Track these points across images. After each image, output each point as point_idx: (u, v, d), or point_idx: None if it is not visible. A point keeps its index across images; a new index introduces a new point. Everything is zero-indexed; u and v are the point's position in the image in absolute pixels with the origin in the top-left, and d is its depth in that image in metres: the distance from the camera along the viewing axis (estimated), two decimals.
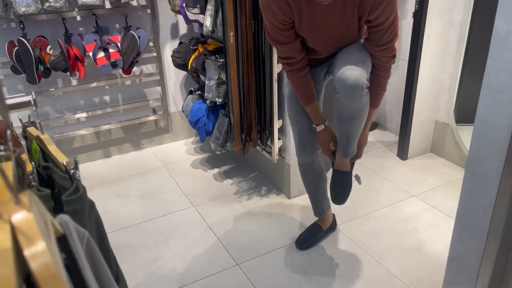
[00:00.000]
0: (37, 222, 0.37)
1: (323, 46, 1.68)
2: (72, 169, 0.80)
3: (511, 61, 1.25)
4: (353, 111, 1.59)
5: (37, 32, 2.56)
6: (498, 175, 1.36)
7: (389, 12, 1.48)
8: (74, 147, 2.98)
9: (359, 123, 1.66)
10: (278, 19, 1.53)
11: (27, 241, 0.37)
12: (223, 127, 2.64)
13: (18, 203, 0.38)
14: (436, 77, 2.74)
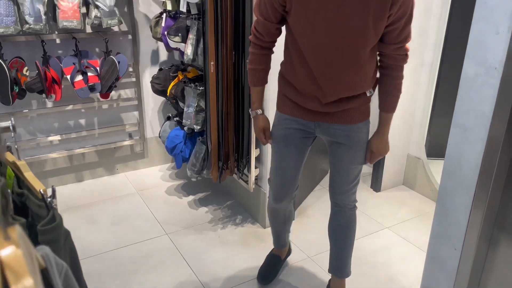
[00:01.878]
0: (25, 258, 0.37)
1: (324, 45, 1.49)
2: (49, 197, 0.78)
3: (478, 101, 1.33)
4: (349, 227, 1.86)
5: (15, 53, 2.52)
6: (467, 211, 1.41)
7: (407, 6, 1.44)
8: (46, 170, 2.90)
9: (353, 235, 1.90)
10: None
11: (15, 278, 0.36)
12: (200, 154, 2.64)
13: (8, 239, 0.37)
14: (408, 112, 2.85)
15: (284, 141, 1.74)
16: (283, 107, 1.73)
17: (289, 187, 1.82)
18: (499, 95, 1.26)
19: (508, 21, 1.21)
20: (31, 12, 2.35)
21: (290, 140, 1.73)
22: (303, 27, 1.50)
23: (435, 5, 2.61)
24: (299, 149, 1.76)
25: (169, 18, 2.65)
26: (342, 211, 1.85)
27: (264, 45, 1.66)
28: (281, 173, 1.80)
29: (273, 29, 1.60)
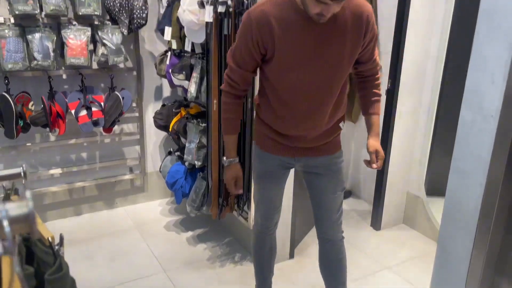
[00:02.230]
0: None
1: (305, 87, 1.54)
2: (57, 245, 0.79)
3: (476, 147, 1.35)
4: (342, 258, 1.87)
5: (21, 87, 2.58)
6: (468, 255, 1.41)
7: (374, 28, 1.53)
8: (45, 204, 2.89)
9: (346, 268, 1.90)
10: (253, 40, 1.47)
11: None
12: (201, 190, 2.65)
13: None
14: (407, 150, 2.88)
15: (266, 176, 1.81)
16: (263, 145, 1.76)
17: (275, 209, 1.90)
18: (496, 142, 1.29)
19: (503, 71, 1.25)
20: (39, 49, 2.42)
21: (272, 175, 1.80)
22: (286, 72, 1.52)
23: (433, 47, 2.69)
24: (281, 181, 1.84)
25: (174, 56, 2.73)
26: (332, 245, 1.85)
27: (238, 94, 1.65)
28: (267, 202, 1.87)
29: (249, 77, 1.61)
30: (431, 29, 2.66)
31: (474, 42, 1.34)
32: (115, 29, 2.62)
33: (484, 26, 1.30)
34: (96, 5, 2.51)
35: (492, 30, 1.28)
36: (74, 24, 2.53)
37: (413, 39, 2.61)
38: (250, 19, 1.46)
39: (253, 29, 1.46)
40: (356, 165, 3.41)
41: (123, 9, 2.57)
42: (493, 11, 1.28)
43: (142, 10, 2.62)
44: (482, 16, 1.32)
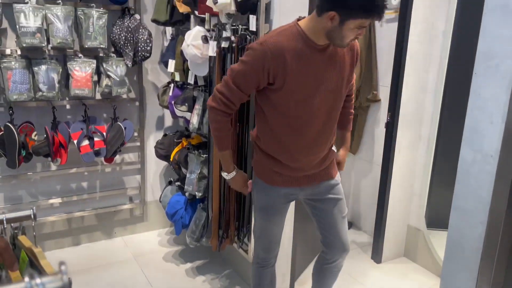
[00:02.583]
0: None
1: (313, 113, 1.60)
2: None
3: (477, 186, 1.37)
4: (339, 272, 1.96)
5: (25, 117, 2.60)
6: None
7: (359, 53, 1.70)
8: (43, 233, 2.87)
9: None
10: (264, 68, 1.51)
11: None
12: (201, 221, 2.63)
13: None
14: (407, 183, 2.89)
15: (269, 209, 1.82)
16: (267, 179, 1.76)
17: (276, 243, 1.92)
18: (496, 182, 1.31)
19: (501, 112, 1.28)
20: (45, 81, 2.46)
21: (275, 208, 1.82)
22: (296, 101, 1.58)
23: (431, 81, 2.74)
24: (283, 214, 1.87)
25: (177, 88, 2.77)
26: (337, 265, 1.93)
27: (230, 113, 1.67)
28: (269, 235, 1.88)
29: (245, 99, 1.66)
30: (429, 64, 2.72)
31: (472, 82, 1.38)
32: (119, 61, 2.67)
33: (482, 67, 1.34)
34: (102, 38, 2.57)
35: (490, 72, 1.32)
36: (80, 57, 2.59)
37: (411, 73, 2.67)
38: (265, 49, 1.51)
39: (267, 59, 1.50)
40: (356, 196, 3.41)
41: (128, 42, 2.63)
42: (491, 53, 1.32)
43: (146, 43, 2.68)
44: (479, 58, 1.36)
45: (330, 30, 1.47)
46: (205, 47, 2.35)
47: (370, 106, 3.15)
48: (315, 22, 1.52)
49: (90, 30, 2.53)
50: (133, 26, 2.65)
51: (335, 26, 1.45)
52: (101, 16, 2.56)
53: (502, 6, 1.30)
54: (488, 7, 1.34)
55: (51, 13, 2.42)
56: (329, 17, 1.44)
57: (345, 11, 1.42)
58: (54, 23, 2.42)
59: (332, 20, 1.44)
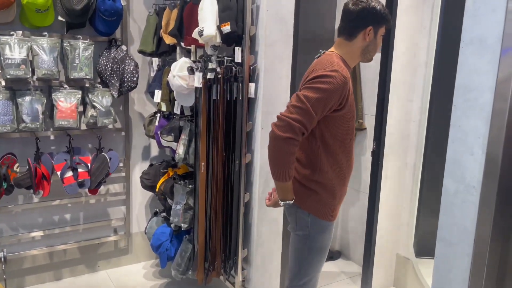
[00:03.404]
0: None
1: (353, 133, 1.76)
2: None
3: (460, 216, 1.37)
4: None
5: (8, 149, 2.56)
6: None
7: None
8: (24, 268, 2.77)
9: None
10: (342, 93, 1.59)
11: None
12: (186, 253, 2.58)
13: None
14: (395, 211, 2.88)
15: (327, 248, 1.82)
16: (332, 217, 1.75)
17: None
18: (480, 212, 1.31)
19: (481, 144, 1.30)
20: (29, 112, 2.44)
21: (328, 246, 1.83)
22: (350, 121, 1.71)
23: (415, 110, 2.78)
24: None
25: (163, 118, 2.77)
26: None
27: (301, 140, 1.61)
28: (318, 276, 1.86)
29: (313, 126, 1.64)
30: (413, 93, 2.77)
31: (452, 114, 1.40)
32: (105, 92, 2.67)
33: (461, 100, 1.37)
34: (88, 69, 2.57)
35: (469, 105, 1.34)
36: (65, 87, 2.58)
37: (395, 103, 2.71)
38: (344, 75, 1.59)
39: (346, 84, 1.60)
40: (345, 226, 3.39)
41: (114, 73, 2.64)
42: (469, 86, 1.35)
43: (132, 74, 2.69)
44: (458, 91, 1.38)
45: (368, 45, 1.69)
46: (191, 78, 2.37)
47: (357, 134, 3.17)
48: (349, 47, 1.70)
49: (76, 61, 2.53)
50: (119, 57, 2.66)
51: (372, 39, 1.68)
52: (87, 48, 2.57)
53: (479, 39, 1.34)
54: (465, 41, 1.37)
55: (36, 44, 2.42)
56: (366, 33, 1.66)
57: (377, 22, 1.67)
58: (39, 55, 2.42)
59: (369, 35, 1.67)
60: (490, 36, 1.29)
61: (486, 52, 1.31)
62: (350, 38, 1.68)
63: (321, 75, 1.57)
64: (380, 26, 1.68)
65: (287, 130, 1.52)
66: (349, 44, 1.69)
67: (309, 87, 1.57)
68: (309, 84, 1.59)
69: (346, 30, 1.68)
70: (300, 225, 1.74)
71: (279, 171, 1.60)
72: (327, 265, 3.25)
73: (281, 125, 1.54)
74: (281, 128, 1.53)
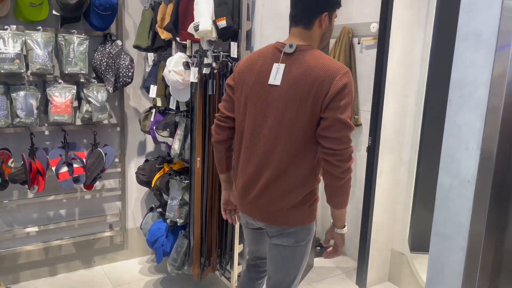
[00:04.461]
0: None
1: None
2: None
3: (455, 211, 1.37)
4: None
5: (2, 144, 2.55)
6: None
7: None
8: (18, 263, 2.76)
9: None
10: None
11: None
12: (182, 248, 2.58)
13: None
14: (390, 207, 2.89)
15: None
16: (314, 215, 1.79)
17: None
18: (474, 207, 1.31)
19: (476, 139, 1.30)
20: (23, 107, 2.42)
21: None
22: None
23: (410, 105, 2.79)
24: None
25: (159, 113, 2.76)
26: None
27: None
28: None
29: None
30: (408, 88, 2.78)
31: (447, 109, 1.40)
32: (100, 87, 2.65)
33: (456, 95, 1.37)
34: (83, 64, 2.56)
35: (464, 100, 1.35)
36: (60, 82, 2.56)
37: (391, 98, 2.71)
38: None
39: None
40: None
41: (109, 68, 2.62)
42: (464, 81, 1.35)
43: (128, 69, 2.68)
44: (453, 86, 1.38)
45: (325, 31, 1.63)
46: (186, 73, 2.36)
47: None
48: (310, 36, 1.61)
49: (70, 56, 2.52)
50: (114, 52, 2.65)
51: (327, 25, 1.62)
52: (82, 42, 2.55)
53: (474, 34, 1.34)
54: (461, 36, 1.38)
55: (31, 39, 2.40)
56: (321, 20, 1.59)
57: (331, 7, 1.62)
58: (33, 49, 2.40)
59: (324, 22, 1.60)
60: (486, 31, 1.29)
61: (482, 47, 1.31)
62: (308, 27, 1.58)
63: (346, 84, 1.49)
64: (333, 10, 1.63)
65: (349, 159, 1.53)
66: (309, 33, 1.59)
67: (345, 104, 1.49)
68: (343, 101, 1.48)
69: (304, 18, 1.58)
70: (302, 237, 1.74)
71: (346, 199, 1.66)
72: (323, 261, 3.27)
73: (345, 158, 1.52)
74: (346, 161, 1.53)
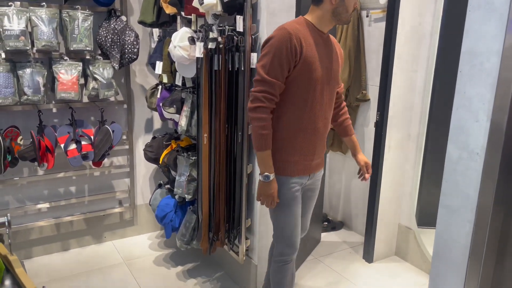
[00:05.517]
0: None
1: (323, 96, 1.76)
2: None
3: (463, 184, 1.37)
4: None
5: (10, 122, 2.57)
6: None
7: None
8: (31, 239, 2.83)
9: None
10: (291, 49, 1.64)
11: None
12: (191, 224, 2.61)
13: None
14: (397, 182, 2.89)
15: (295, 201, 1.86)
16: (291, 172, 1.81)
17: (298, 235, 1.95)
18: (483, 179, 1.30)
19: (486, 110, 1.28)
20: (30, 84, 2.42)
21: (298, 199, 1.87)
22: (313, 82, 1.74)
23: (419, 80, 2.75)
24: (301, 203, 1.93)
25: (165, 90, 2.75)
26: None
27: (273, 107, 1.73)
28: (296, 229, 1.91)
29: (282, 88, 1.72)
30: (417, 63, 2.73)
31: (457, 81, 1.38)
32: (106, 64, 2.64)
33: (467, 66, 1.34)
34: (88, 41, 2.54)
35: (474, 70, 1.32)
36: (66, 59, 2.55)
37: (399, 73, 2.67)
38: (288, 31, 1.65)
39: (291, 38, 1.64)
40: (347, 196, 3.41)
41: (114, 45, 2.60)
42: (475, 51, 1.32)
43: (133, 45, 2.66)
44: (464, 56, 1.36)
45: (335, 8, 1.69)
46: (192, 48, 2.33)
47: (360, 105, 3.15)
48: (318, 12, 1.73)
49: (75, 33, 2.50)
50: (119, 28, 2.62)
51: (339, 1, 1.68)
52: (87, 18, 2.53)
53: (486, 3, 1.30)
54: (472, 5, 1.34)
55: (35, 15, 2.39)
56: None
57: None
58: (38, 26, 2.39)
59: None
60: (497, 0, 1.26)
61: (493, 16, 1.28)
62: (318, 3, 1.72)
63: (266, 40, 1.69)
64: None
65: (253, 102, 1.70)
66: (318, 9, 1.73)
67: (261, 56, 1.69)
68: (261, 53, 1.70)
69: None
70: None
71: (256, 138, 1.72)
72: (330, 235, 3.30)
73: (250, 100, 1.72)
74: (250, 101, 1.72)
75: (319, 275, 2.73)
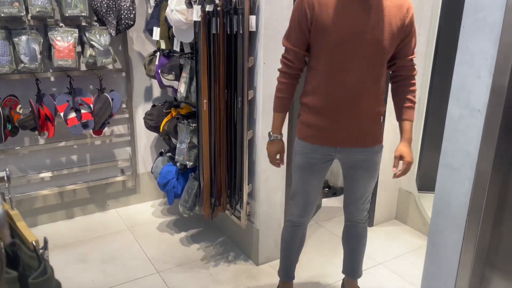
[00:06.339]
0: None
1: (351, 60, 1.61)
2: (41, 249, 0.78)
3: (464, 142, 1.36)
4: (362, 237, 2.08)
5: (8, 91, 2.55)
6: (458, 250, 1.42)
7: (414, 24, 1.70)
8: (35, 207, 2.86)
9: (365, 243, 2.12)
10: (303, 13, 1.62)
11: None
12: (193, 190, 2.64)
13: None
14: None
15: (309, 169, 1.83)
16: (305, 137, 1.79)
17: (312, 206, 1.94)
18: (483, 136, 1.30)
19: (489, 66, 1.26)
20: (26, 52, 2.39)
21: (314, 168, 1.83)
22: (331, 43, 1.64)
23: (421, 43, 2.70)
24: (321, 174, 1.87)
25: (163, 56, 2.71)
26: (355, 226, 2.04)
27: (294, 73, 1.76)
28: (306, 196, 1.89)
29: (302, 55, 1.73)
30: (419, 26, 2.67)
31: (460, 36, 1.35)
32: (102, 30, 2.59)
33: (470, 20, 1.31)
34: (83, 6, 2.49)
35: (477, 25, 1.29)
36: (61, 26, 2.51)
37: None
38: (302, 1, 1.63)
39: (303, 3, 1.62)
40: None
41: (110, 10, 2.55)
42: (479, 5, 1.29)
43: (129, 11, 2.60)
44: (468, 10, 1.32)
45: None
46: (189, 12, 2.28)
47: None
48: None
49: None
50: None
51: None
52: None
53: None
54: None
55: None
56: None
57: None
58: None
59: None
60: None
61: None
62: None
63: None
64: None
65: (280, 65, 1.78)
66: None
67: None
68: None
69: None
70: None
71: (275, 102, 1.82)
72: (330, 201, 3.33)
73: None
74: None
75: (320, 239, 2.78)
